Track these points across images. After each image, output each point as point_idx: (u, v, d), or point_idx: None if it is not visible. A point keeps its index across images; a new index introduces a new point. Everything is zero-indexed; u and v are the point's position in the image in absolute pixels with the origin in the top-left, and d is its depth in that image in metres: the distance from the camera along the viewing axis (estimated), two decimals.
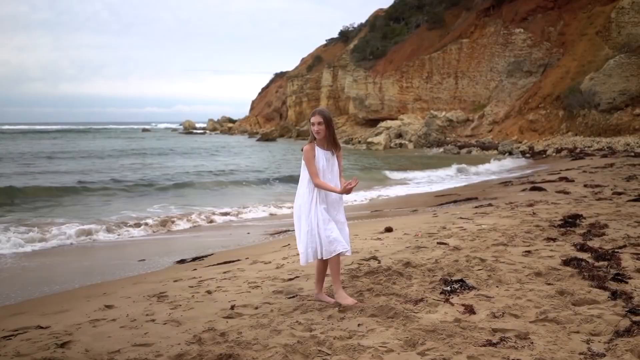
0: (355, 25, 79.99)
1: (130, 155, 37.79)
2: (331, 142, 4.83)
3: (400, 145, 46.27)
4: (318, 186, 4.71)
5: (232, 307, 4.78)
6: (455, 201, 12.96)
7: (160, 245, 10.03)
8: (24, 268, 8.34)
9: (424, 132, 46.03)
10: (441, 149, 41.77)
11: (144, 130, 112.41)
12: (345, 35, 79.96)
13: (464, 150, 39.47)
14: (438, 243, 6.98)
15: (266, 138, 62.16)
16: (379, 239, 7.81)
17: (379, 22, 67.95)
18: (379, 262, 6.02)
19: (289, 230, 10.46)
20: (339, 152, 4.93)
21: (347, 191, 4.69)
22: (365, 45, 63.76)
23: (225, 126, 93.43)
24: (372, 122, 57.35)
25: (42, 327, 4.66)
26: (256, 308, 4.77)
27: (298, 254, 7.00)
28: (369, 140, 47.59)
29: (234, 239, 10.20)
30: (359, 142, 52.60)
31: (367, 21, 75.61)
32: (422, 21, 60.16)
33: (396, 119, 52.60)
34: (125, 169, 26.72)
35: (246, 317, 4.52)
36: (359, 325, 4.14)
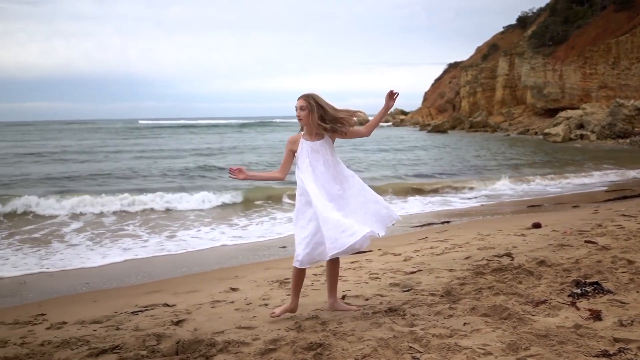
0: (535, 10, 75.61)
1: None
2: (319, 128, 4.23)
3: (582, 136, 42.79)
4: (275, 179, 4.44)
5: (343, 297, 4.75)
6: (625, 197, 11.72)
7: None
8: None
9: (608, 122, 42.11)
10: (627, 141, 38.09)
11: None
12: (523, 21, 75.87)
13: None
14: (585, 241, 6.36)
15: (437, 130, 60.80)
16: (523, 234, 7.33)
17: (560, 5, 63.39)
18: (512, 259, 5.64)
19: (432, 224, 10.20)
20: (334, 135, 4.30)
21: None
22: (544, 30, 59.95)
23: (397, 118, 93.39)
24: (551, 112, 53.84)
25: (168, 305, 5.01)
26: (367, 299, 4.71)
27: (430, 247, 6.86)
28: (546, 131, 44.60)
29: None
30: (536, 133, 49.72)
31: (547, 5, 70.99)
32: (609, 2, 55.09)
33: (577, 108, 48.86)
34: None
35: (353, 307, 4.47)
36: (464, 324, 3.90)
